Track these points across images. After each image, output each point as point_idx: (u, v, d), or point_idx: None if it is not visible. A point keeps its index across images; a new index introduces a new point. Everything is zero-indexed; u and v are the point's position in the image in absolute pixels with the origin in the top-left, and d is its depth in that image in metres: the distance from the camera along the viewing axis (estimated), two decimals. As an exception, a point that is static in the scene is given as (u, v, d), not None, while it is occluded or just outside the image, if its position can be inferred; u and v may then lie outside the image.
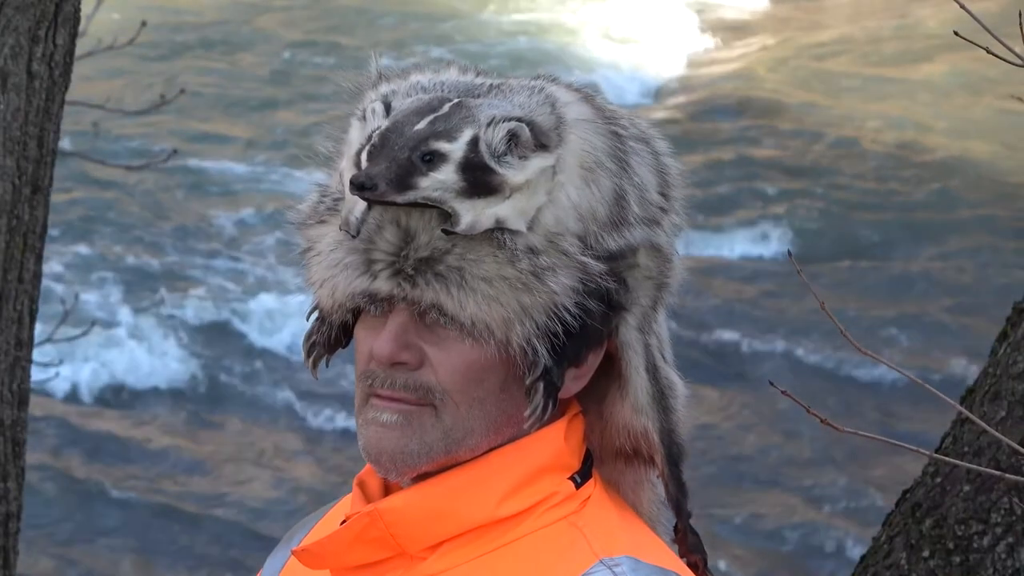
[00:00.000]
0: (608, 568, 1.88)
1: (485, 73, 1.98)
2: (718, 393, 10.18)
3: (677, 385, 2.02)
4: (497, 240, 1.85)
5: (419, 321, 1.89)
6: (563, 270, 1.86)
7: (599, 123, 1.91)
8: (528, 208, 1.86)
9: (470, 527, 1.91)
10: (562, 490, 1.94)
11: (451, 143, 1.83)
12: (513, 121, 1.85)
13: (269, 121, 14.27)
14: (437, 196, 1.83)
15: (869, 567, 2.80)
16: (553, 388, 1.91)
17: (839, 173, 13.60)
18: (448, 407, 1.90)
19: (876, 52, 16.49)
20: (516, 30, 16.77)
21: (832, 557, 8.88)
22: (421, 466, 1.92)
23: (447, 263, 1.86)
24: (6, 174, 3.22)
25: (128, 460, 9.61)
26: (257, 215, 12.47)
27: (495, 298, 1.85)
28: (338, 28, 16.51)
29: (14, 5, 3.15)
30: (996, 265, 11.98)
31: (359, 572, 1.95)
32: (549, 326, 1.87)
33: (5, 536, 3.45)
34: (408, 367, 1.90)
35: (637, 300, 1.95)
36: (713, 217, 12.53)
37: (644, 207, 1.93)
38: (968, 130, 14.37)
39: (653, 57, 16.40)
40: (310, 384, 10.26)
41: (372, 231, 1.88)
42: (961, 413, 2.56)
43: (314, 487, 9.31)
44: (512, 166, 1.84)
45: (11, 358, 3.35)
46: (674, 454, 2.02)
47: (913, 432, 9.46)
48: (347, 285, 1.90)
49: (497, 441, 1.93)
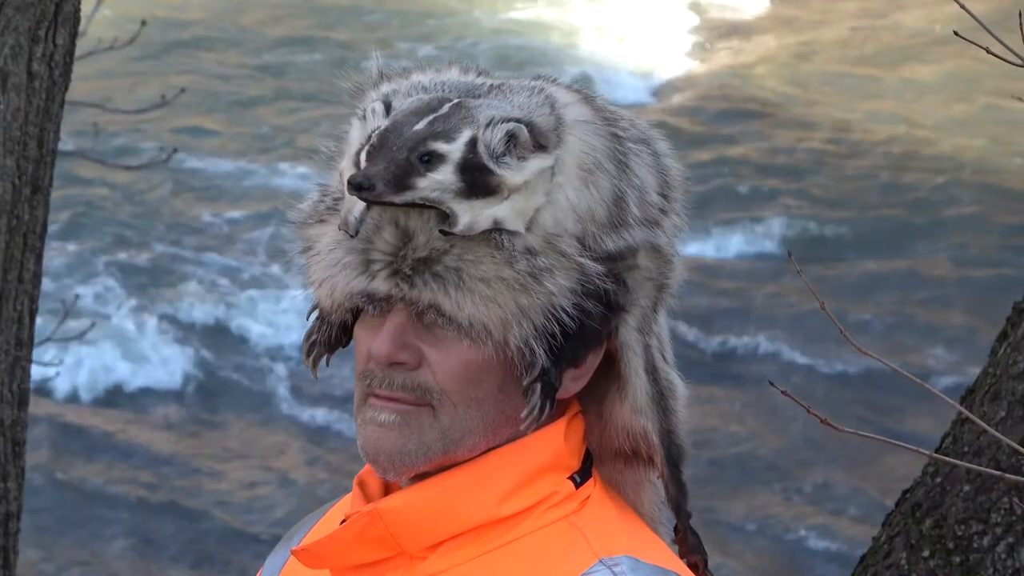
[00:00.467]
0: (607, 568, 1.88)
1: (486, 73, 1.98)
2: (717, 393, 10.18)
3: (678, 386, 2.02)
4: (495, 241, 1.85)
5: (417, 321, 1.89)
6: (561, 271, 1.86)
7: (598, 124, 1.91)
8: (526, 209, 1.86)
9: (470, 527, 1.91)
10: (562, 490, 1.94)
11: (449, 144, 1.83)
12: (512, 122, 1.84)
13: (261, 118, 14.26)
14: (435, 197, 1.83)
15: (869, 567, 2.79)
16: (551, 389, 1.91)
17: (838, 173, 13.60)
18: (446, 407, 1.90)
19: (876, 53, 16.49)
20: (516, 29, 16.77)
21: (832, 557, 8.88)
22: (419, 466, 1.92)
23: (445, 263, 1.86)
24: (6, 174, 3.22)
25: (126, 460, 9.61)
26: (255, 213, 12.47)
27: (493, 299, 1.85)
28: (324, 25, 16.50)
29: (14, 5, 3.14)
30: (995, 264, 11.99)
31: (359, 572, 1.95)
32: (547, 327, 1.86)
33: (5, 536, 3.45)
34: (406, 367, 1.90)
35: (637, 301, 1.95)
36: (712, 216, 12.53)
37: (643, 208, 1.92)
38: (965, 130, 14.37)
39: (653, 57, 16.40)
40: (309, 384, 10.26)
41: (371, 231, 1.88)
42: (961, 413, 2.56)
43: (312, 487, 9.31)
44: (510, 167, 1.84)
45: (11, 358, 3.34)
46: (674, 455, 2.01)
47: (913, 432, 9.46)
48: (346, 285, 1.90)
49: (495, 441, 1.93)
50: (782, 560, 8.94)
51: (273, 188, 12.70)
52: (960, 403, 2.75)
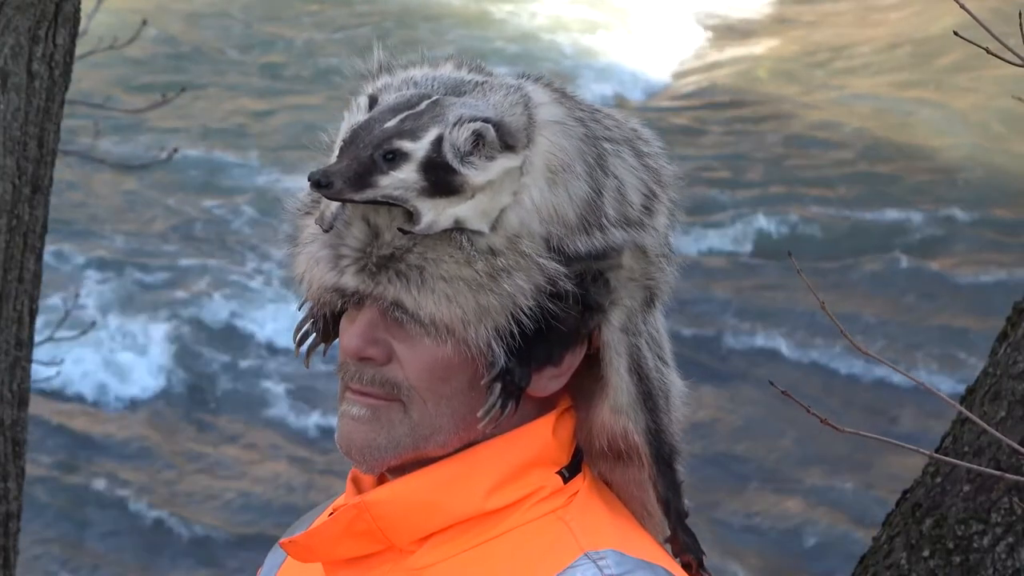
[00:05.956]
0: (592, 561, 1.89)
1: (479, 69, 1.97)
2: (717, 392, 10.18)
3: (674, 385, 2.02)
4: (456, 240, 1.86)
5: (388, 317, 1.91)
6: (520, 272, 1.86)
7: (570, 125, 1.90)
8: (491, 209, 1.86)
9: (458, 520, 1.92)
10: (549, 484, 1.95)
11: (415, 142, 1.83)
12: (479, 122, 1.84)
13: (258, 117, 14.26)
14: (398, 195, 1.84)
15: (869, 567, 2.79)
16: (514, 388, 1.91)
17: (839, 172, 13.60)
18: (416, 403, 1.92)
19: (875, 53, 16.49)
20: (515, 28, 16.77)
21: (832, 557, 8.88)
22: (389, 460, 1.93)
23: (408, 261, 1.86)
24: (6, 174, 3.22)
25: (123, 460, 9.61)
26: (252, 212, 12.47)
27: (453, 298, 1.86)
28: (319, 22, 16.51)
29: (14, 5, 3.14)
30: (995, 264, 11.98)
31: (350, 565, 1.96)
32: (509, 327, 1.87)
33: (5, 536, 3.45)
34: (375, 362, 1.91)
35: (620, 301, 1.94)
36: (711, 216, 12.53)
37: (622, 209, 1.91)
38: (965, 128, 14.37)
39: (653, 57, 16.40)
40: (306, 383, 10.26)
41: (342, 227, 1.90)
42: (961, 413, 2.56)
43: (310, 487, 9.31)
44: (475, 166, 1.84)
45: (11, 358, 3.34)
46: (665, 454, 2.01)
47: (913, 432, 9.46)
48: (319, 279, 1.92)
49: (469, 438, 1.93)
50: (782, 560, 8.93)
51: (273, 187, 12.70)
52: (960, 403, 2.75)
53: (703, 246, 12.24)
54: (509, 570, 1.90)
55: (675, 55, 16.62)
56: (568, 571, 1.88)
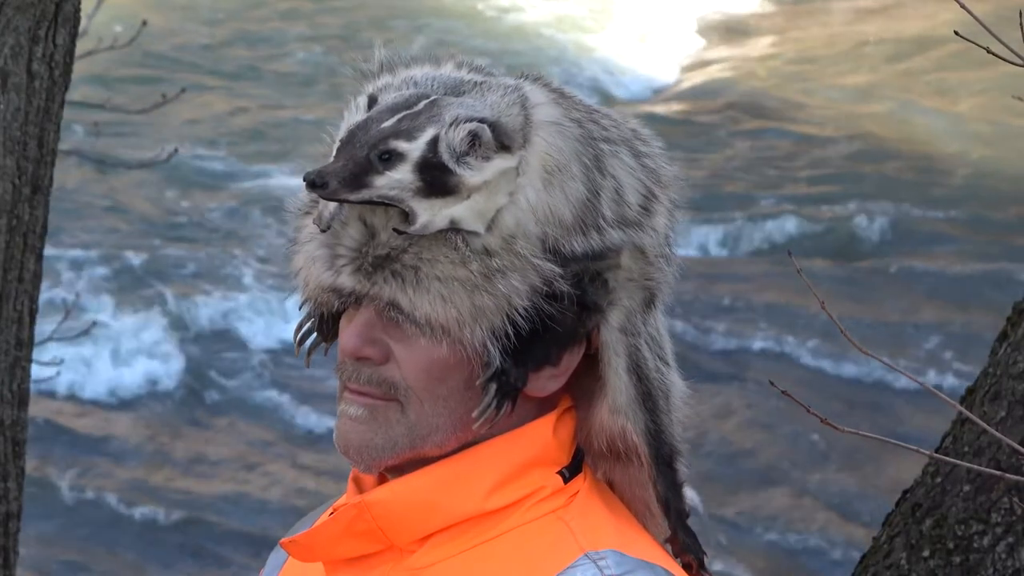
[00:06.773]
0: (592, 561, 1.89)
1: (479, 69, 1.97)
2: (718, 392, 10.18)
3: (675, 386, 2.02)
4: (452, 241, 1.86)
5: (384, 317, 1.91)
6: (515, 272, 1.86)
7: (567, 126, 1.89)
8: (487, 209, 1.85)
9: (458, 520, 1.92)
10: (550, 484, 1.95)
11: (410, 142, 1.83)
12: (475, 122, 1.84)
13: (254, 115, 14.26)
14: (393, 195, 1.84)
15: (869, 567, 2.79)
16: (509, 388, 1.91)
17: (839, 172, 13.60)
18: (413, 403, 1.92)
19: (875, 54, 16.49)
20: (515, 28, 16.77)
21: (832, 557, 8.88)
22: (386, 460, 1.93)
23: (403, 262, 1.87)
24: (6, 174, 3.22)
25: (121, 460, 9.61)
26: (252, 212, 12.47)
27: (448, 298, 1.86)
28: (318, 19, 16.51)
29: (14, 5, 3.15)
30: (995, 264, 11.98)
31: (351, 565, 1.96)
32: (504, 328, 1.87)
33: (5, 536, 3.45)
34: (373, 362, 1.92)
35: (619, 301, 1.94)
36: (713, 215, 12.53)
37: (619, 210, 1.91)
38: (965, 128, 14.37)
39: (653, 57, 16.40)
40: (306, 384, 10.26)
41: (339, 227, 1.90)
42: (961, 413, 2.56)
43: (309, 487, 9.31)
44: (471, 167, 1.84)
45: (11, 358, 3.34)
46: (664, 454, 2.01)
47: (913, 432, 9.46)
48: (316, 278, 1.92)
49: (466, 438, 1.93)
50: (782, 560, 8.94)
51: (273, 187, 12.70)
52: (960, 403, 2.74)
53: (703, 245, 12.23)
54: (509, 570, 1.90)
55: (675, 55, 16.61)
56: (568, 571, 1.88)
